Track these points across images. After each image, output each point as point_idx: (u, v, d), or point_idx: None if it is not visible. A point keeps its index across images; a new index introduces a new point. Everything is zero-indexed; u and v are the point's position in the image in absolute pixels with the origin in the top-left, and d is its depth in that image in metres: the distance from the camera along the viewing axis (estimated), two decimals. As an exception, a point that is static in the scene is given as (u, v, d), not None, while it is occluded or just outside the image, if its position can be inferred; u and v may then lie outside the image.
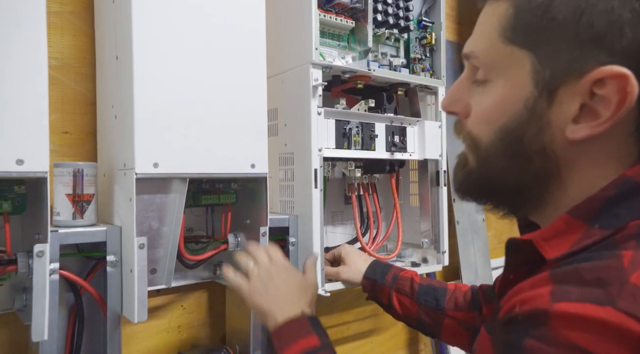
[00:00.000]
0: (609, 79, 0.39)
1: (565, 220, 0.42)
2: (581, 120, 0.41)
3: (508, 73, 0.44)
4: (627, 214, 0.38)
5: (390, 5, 0.97)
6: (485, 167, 0.47)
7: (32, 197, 0.70)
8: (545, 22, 0.41)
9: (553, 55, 0.41)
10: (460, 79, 0.51)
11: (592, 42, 0.39)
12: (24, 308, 0.71)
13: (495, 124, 0.45)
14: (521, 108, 0.43)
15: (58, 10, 0.85)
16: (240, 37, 0.79)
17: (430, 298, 0.82)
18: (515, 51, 0.43)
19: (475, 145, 0.48)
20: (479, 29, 0.48)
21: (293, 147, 0.92)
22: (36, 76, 0.62)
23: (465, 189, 0.51)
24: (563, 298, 0.33)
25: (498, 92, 0.45)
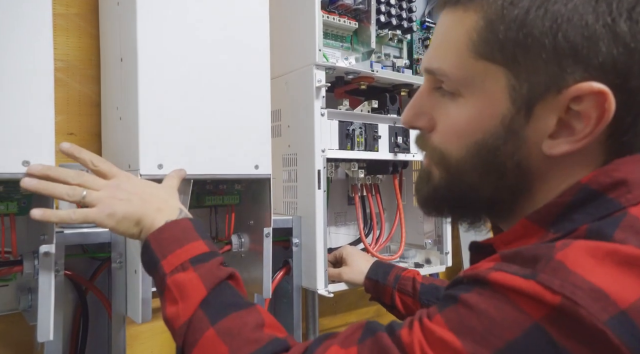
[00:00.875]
0: (587, 96, 0.38)
1: (523, 225, 0.43)
2: (557, 135, 0.41)
3: (481, 89, 0.43)
4: (581, 219, 0.39)
5: (394, 7, 0.97)
6: (455, 183, 0.46)
7: (38, 198, 0.70)
8: (521, 37, 0.39)
9: (530, 72, 0.40)
10: (420, 93, 0.49)
11: (569, 57, 0.38)
12: (29, 309, 0.72)
13: (468, 139, 0.44)
14: (497, 124, 0.42)
15: (63, 12, 0.85)
16: (244, 39, 0.80)
17: (432, 297, 0.82)
18: (489, 67, 0.42)
19: (443, 160, 0.46)
20: (444, 43, 0.45)
21: (296, 148, 0.92)
22: (42, 78, 0.62)
23: (432, 204, 0.50)
24: (500, 269, 0.37)
25: (470, 108, 0.43)
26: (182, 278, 0.52)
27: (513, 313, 0.35)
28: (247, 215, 0.87)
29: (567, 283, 0.34)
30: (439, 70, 0.45)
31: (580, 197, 0.40)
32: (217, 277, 0.52)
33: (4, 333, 0.79)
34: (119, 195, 0.57)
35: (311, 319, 1.09)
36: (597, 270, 0.34)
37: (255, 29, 0.81)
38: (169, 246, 0.54)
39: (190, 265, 0.53)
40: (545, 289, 0.34)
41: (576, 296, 0.33)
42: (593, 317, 0.32)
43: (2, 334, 0.79)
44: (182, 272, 0.52)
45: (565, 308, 0.33)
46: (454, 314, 0.37)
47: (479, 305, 0.37)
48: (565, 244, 0.36)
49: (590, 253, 0.35)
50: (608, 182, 0.40)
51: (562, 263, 0.35)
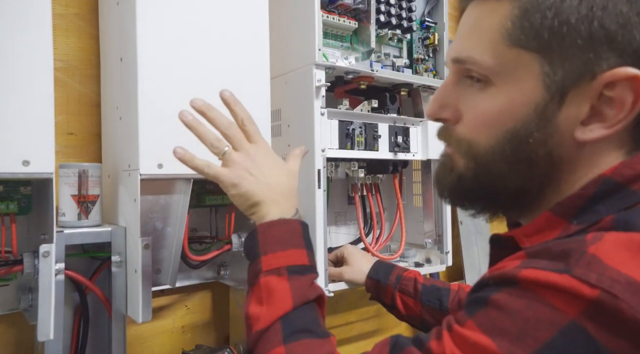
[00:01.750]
0: (621, 81, 0.39)
1: (546, 217, 0.43)
2: (589, 122, 0.41)
3: (514, 77, 0.43)
4: (604, 210, 0.40)
5: (393, 6, 0.97)
6: (483, 173, 0.46)
7: (38, 198, 0.71)
8: (557, 25, 0.40)
9: (565, 58, 0.40)
10: (445, 84, 0.49)
11: (604, 44, 0.39)
12: (29, 308, 0.72)
13: (500, 129, 0.44)
14: (530, 112, 0.42)
15: (63, 13, 0.86)
16: (244, 38, 0.80)
17: (433, 298, 0.82)
18: (522, 54, 0.42)
19: (471, 150, 0.46)
20: (475, 32, 0.45)
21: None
22: (42, 78, 0.62)
23: (454, 193, 0.49)
24: (530, 266, 0.36)
25: (502, 97, 0.43)
26: (275, 283, 0.53)
27: (547, 311, 0.34)
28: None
29: (604, 276, 0.33)
30: (469, 58, 0.45)
31: (603, 190, 0.40)
32: (306, 297, 0.53)
33: (5, 332, 0.79)
34: (251, 169, 0.58)
35: (311, 318, 1.08)
36: (632, 263, 0.34)
37: (255, 29, 0.81)
38: (273, 244, 0.55)
39: (286, 273, 0.53)
40: (582, 283, 0.33)
41: (615, 289, 0.32)
42: (634, 310, 0.32)
43: (2, 334, 0.79)
44: (277, 276, 0.53)
45: (604, 301, 0.32)
46: (485, 317, 0.37)
47: (510, 305, 0.36)
48: (596, 238, 0.36)
49: (624, 246, 0.35)
50: (631, 174, 0.40)
51: (596, 257, 0.34)
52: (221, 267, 0.93)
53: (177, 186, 0.76)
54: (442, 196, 0.51)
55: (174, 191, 0.76)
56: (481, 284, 0.40)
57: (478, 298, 0.39)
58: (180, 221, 0.76)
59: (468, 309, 0.39)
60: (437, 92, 0.49)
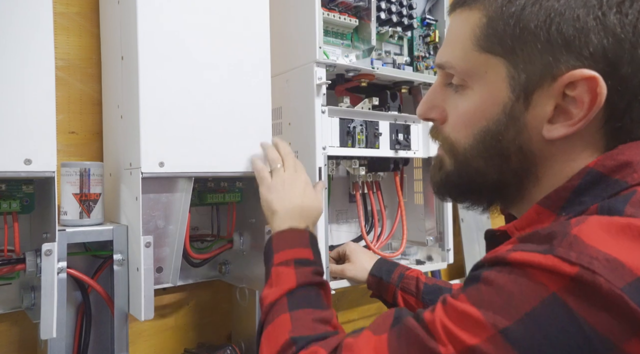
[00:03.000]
0: (579, 82, 0.42)
1: (536, 210, 0.46)
2: (556, 120, 0.44)
3: (484, 80, 0.47)
4: (590, 200, 0.42)
5: (394, 4, 0.97)
6: (464, 169, 0.50)
7: (40, 196, 0.71)
8: (517, 31, 0.43)
9: (527, 62, 0.44)
10: (434, 86, 0.53)
11: (562, 47, 0.42)
12: (32, 306, 0.72)
13: (474, 128, 0.48)
14: (499, 112, 0.46)
15: (64, 11, 0.86)
16: (245, 37, 0.80)
17: (435, 298, 0.82)
18: (490, 59, 0.46)
19: (453, 148, 0.50)
20: (452, 38, 0.50)
21: (297, 145, 0.92)
22: (43, 77, 0.62)
23: (445, 190, 0.54)
24: (518, 249, 0.39)
25: (476, 98, 0.47)
26: (282, 270, 0.63)
27: (531, 285, 0.37)
28: (249, 213, 0.87)
29: (584, 254, 0.35)
30: (447, 63, 0.49)
31: (587, 180, 0.43)
32: (310, 279, 0.62)
33: (8, 330, 0.79)
34: (285, 186, 0.73)
35: (313, 316, 1.09)
36: (612, 242, 0.36)
37: (256, 27, 0.81)
38: (284, 245, 0.66)
39: (292, 263, 0.63)
40: (563, 261, 0.35)
41: (593, 266, 0.34)
42: (610, 284, 0.33)
43: (5, 332, 0.79)
44: (285, 266, 0.63)
45: (583, 277, 0.34)
46: (475, 291, 0.40)
47: (498, 280, 0.39)
48: (579, 221, 0.38)
49: (605, 228, 0.37)
50: (613, 165, 0.42)
51: (577, 237, 0.37)
52: (223, 265, 0.93)
53: (179, 184, 0.76)
54: (434, 191, 0.56)
55: (176, 190, 0.76)
56: (477, 266, 0.43)
57: (472, 276, 0.42)
58: (182, 219, 0.76)
59: (464, 287, 0.42)
60: (426, 94, 0.54)
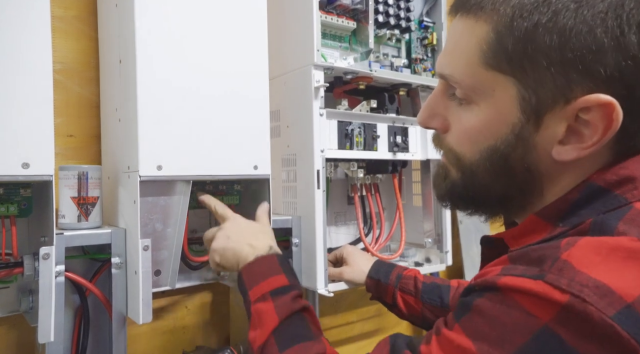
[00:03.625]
0: (594, 107, 0.40)
1: (533, 220, 0.45)
2: (567, 141, 0.42)
3: (491, 98, 0.44)
4: (587, 214, 0.41)
5: (392, 6, 0.97)
6: (469, 181, 0.48)
7: (38, 200, 0.71)
8: (529, 51, 0.40)
9: (538, 83, 0.41)
10: (434, 94, 0.50)
11: (577, 69, 0.39)
12: (30, 310, 0.72)
13: (481, 145, 0.45)
14: (508, 132, 0.44)
15: (62, 15, 0.86)
16: (242, 40, 0.80)
17: (434, 296, 0.82)
18: (498, 77, 0.43)
19: (458, 161, 0.48)
20: (456, 50, 0.46)
21: (295, 148, 0.92)
22: (41, 80, 0.62)
23: (450, 199, 0.52)
24: (508, 273, 0.38)
25: (482, 115, 0.45)
26: (262, 307, 0.61)
27: (522, 316, 0.36)
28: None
29: (574, 281, 0.35)
30: (451, 77, 0.46)
31: (586, 194, 0.42)
32: (290, 309, 0.60)
33: (6, 334, 0.79)
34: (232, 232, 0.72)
35: (312, 319, 1.09)
36: (601, 267, 0.35)
37: (254, 30, 0.81)
38: (256, 278, 0.64)
39: (269, 296, 0.61)
40: (554, 289, 0.35)
41: (584, 294, 0.34)
42: (601, 313, 0.33)
43: (3, 336, 0.79)
44: (263, 302, 0.61)
45: (574, 306, 0.34)
46: (469, 322, 0.39)
47: (490, 311, 0.38)
48: (569, 243, 0.37)
49: (595, 251, 0.36)
50: (614, 180, 0.41)
51: (567, 262, 0.36)
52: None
53: (177, 187, 0.76)
54: (439, 200, 0.55)
55: (174, 193, 0.76)
56: (468, 290, 0.42)
57: (464, 303, 0.41)
58: (180, 222, 0.76)
59: (455, 314, 0.41)
60: (427, 101, 0.51)
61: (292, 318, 0.59)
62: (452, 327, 0.40)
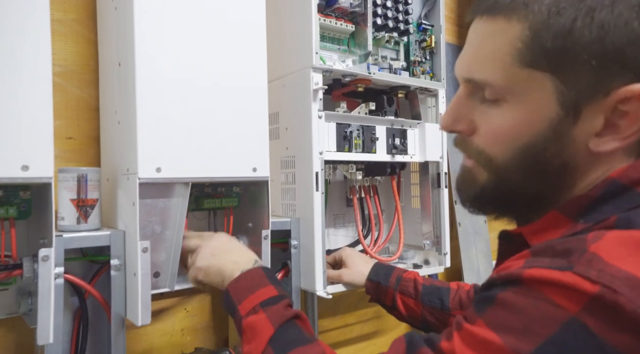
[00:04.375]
0: (634, 97, 0.40)
1: (554, 216, 0.45)
2: (604, 133, 0.43)
3: (527, 95, 0.44)
4: (610, 210, 0.41)
5: (390, 9, 0.98)
6: (502, 183, 0.47)
7: (37, 202, 0.71)
8: (569, 45, 0.41)
9: (578, 76, 0.41)
10: (458, 98, 0.50)
11: (617, 61, 0.40)
12: (29, 312, 0.72)
13: (515, 143, 0.45)
14: (545, 127, 0.43)
15: (61, 18, 0.86)
16: (241, 42, 0.80)
17: (434, 298, 0.82)
18: (535, 74, 0.43)
19: (490, 162, 0.47)
20: (484, 51, 0.46)
21: (294, 150, 0.92)
22: (41, 83, 0.63)
23: (478, 204, 0.51)
24: (533, 265, 0.38)
25: (516, 114, 0.44)
26: (254, 320, 0.60)
27: (550, 308, 0.36)
28: (246, 217, 0.87)
29: (604, 273, 0.35)
30: (481, 81, 0.46)
31: (609, 191, 0.42)
32: (284, 317, 0.60)
33: (4, 336, 0.79)
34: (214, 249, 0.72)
35: (310, 320, 1.09)
36: (631, 259, 0.35)
37: (253, 32, 0.82)
38: (244, 292, 0.64)
39: (260, 308, 0.61)
40: (584, 279, 0.35)
41: (615, 285, 0.34)
42: (633, 304, 0.33)
43: (2, 338, 0.79)
44: (254, 314, 0.61)
45: (605, 296, 0.34)
46: (493, 315, 0.39)
47: (516, 303, 0.38)
48: (597, 236, 0.37)
49: (623, 243, 0.36)
50: (637, 177, 0.42)
51: (596, 255, 0.36)
52: (220, 270, 0.93)
53: (176, 189, 0.76)
54: (465, 205, 0.53)
55: (173, 195, 0.76)
56: (489, 284, 0.42)
57: (486, 297, 0.40)
58: (179, 224, 0.77)
59: (477, 308, 0.41)
60: (450, 105, 0.50)
61: (286, 326, 0.59)
62: (475, 321, 0.39)
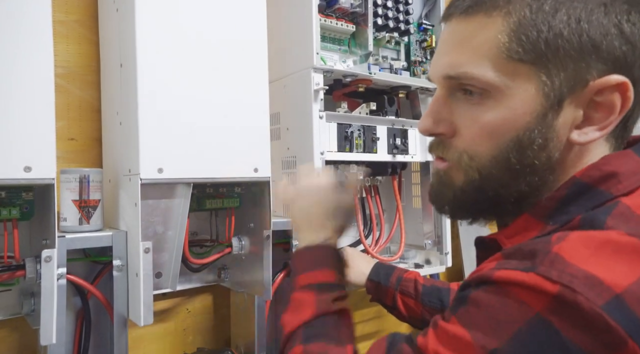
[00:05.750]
0: (610, 87, 0.42)
1: (525, 219, 0.46)
2: (583, 125, 0.44)
3: (513, 88, 0.44)
4: (575, 210, 0.42)
5: (391, 9, 0.98)
6: (487, 183, 0.47)
7: (40, 203, 0.71)
8: (551, 38, 0.42)
9: (560, 68, 0.43)
10: (436, 99, 0.49)
11: (593, 54, 0.42)
12: (32, 313, 0.72)
13: (501, 139, 0.45)
14: (531, 120, 0.44)
15: (63, 19, 0.86)
16: (242, 43, 0.80)
17: (434, 299, 0.82)
18: (519, 67, 0.43)
19: (472, 162, 0.47)
20: (464, 47, 0.46)
21: (295, 150, 0.93)
22: (43, 84, 0.63)
23: (457, 207, 0.51)
24: (502, 267, 0.39)
25: (502, 109, 0.45)
26: (303, 297, 0.61)
27: (516, 305, 0.37)
28: (248, 218, 0.88)
29: (565, 273, 0.36)
30: (465, 74, 0.45)
31: (573, 191, 0.43)
32: (328, 308, 0.60)
33: (8, 336, 0.79)
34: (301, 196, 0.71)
35: (312, 320, 1.09)
36: (591, 259, 0.36)
37: (253, 33, 0.82)
38: (307, 265, 0.64)
39: (314, 289, 0.61)
40: (545, 280, 0.36)
41: (574, 284, 0.35)
42: (590, 302, 0.34)
43: (5, 338, 0.79)
44: (306, 292, 0.61)
45: (565, 295, 0.35)
46: (465, 313, 0.40)
47: (485, 302, 0.39)
48: (560, 238, 0.39)
49: (585, 244, 0.37)
50: (598, 176, 0.43)
51: (558, 255, 0.37)
52: (222, 270, 0.93)
53: (178, 190, 0.76)
54: (442, 211, 0.52)
55: (174, 195, 0.76)
56: (464, 285, 0.43)
57: (460, 297, 0.42)
58: (181, 224, 0.77)
59: (452, 308, 0.42)
60: (429, 108, 0.50)
61: (327, 317, 0.59)
62: (449, 319, 0.41)
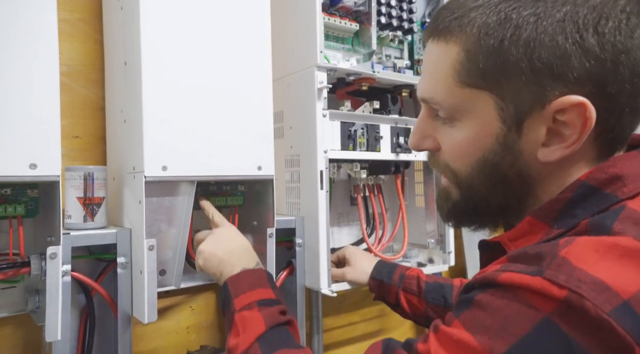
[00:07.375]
0: (569, 108, 0.42)
1: (529, 222, 0.46)
2: (549, 143, 0.44)
3: (473, 113, 0.46)
4: (582, 214, 0.42)
5: (394, 8, 0.98)
6: (469, 196, 0.50)
7: (45, 200, 0.72)
8: (500, 64, 0.43)
9: (513, 93, 0.43)
10: (421, 118, 0.53)
11: (547, 76, 0.42)
12: (37, 309, 0.73)
13: (471, 158, 0.48)
14: (493, 142, 0.46)
15: (68, 18, 0.87)
16: (246, 41, 0.81)
17: (437, 296, 0.82)
18: (475, 93, 0.45)
19: (455, 177, 0.50)
20: (433, 73, 0.49)
21: (299, 149, 0.93)
22: (48, 82, 0.63)
23: (453, 218, 0.54)
24: (508, 270, 0.39)
25: (467, 130, 0.47)
26: (248, 315, 0.62)
27: (523, 309, 0.37)
28: (251, 216, 0.88)
29: (572, 277, 0.35)
30: (431, 100, 0.49)
31: (579, 194, 0.43)
32: (277, 320, 0.62)
33: (13, 333, 0.80)
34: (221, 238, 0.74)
35: (315, 318, 1.09)
36: (599, 264, 0.36)
37: (257, 32, 0.82)
38: (242, 288, 0.66)
39: (256, 306, 0.63)
40: (552, 285, 0.36)
41: (581, 289, 0.35)
42: (598, 308, 0.34)
43: (10, 335, 0.80)
44: (249, 310, 0.62)
45: (572, 301, 0.35)
46: (469, 316, 0.40)
47: (491, 304, 0.39)
48: (568, 242, 0.38)
49: (593, 248, 0.37)
50: (604, 178, 0.43)
51: (566, 260, 0.37)
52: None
53: (181, 187, 0.77)
54: (444, 220, 0.56)
55: (178, 193, 0.77)
56: (467, 287, 0.43)
57: (464, 299, 0.42)
58: (185, 222, 0.77)
59: (455, 311, 0.42)
60: (415, 125, 0.54)
61: (278, 329, 0.61)
62: (451, 323, 0.41)
